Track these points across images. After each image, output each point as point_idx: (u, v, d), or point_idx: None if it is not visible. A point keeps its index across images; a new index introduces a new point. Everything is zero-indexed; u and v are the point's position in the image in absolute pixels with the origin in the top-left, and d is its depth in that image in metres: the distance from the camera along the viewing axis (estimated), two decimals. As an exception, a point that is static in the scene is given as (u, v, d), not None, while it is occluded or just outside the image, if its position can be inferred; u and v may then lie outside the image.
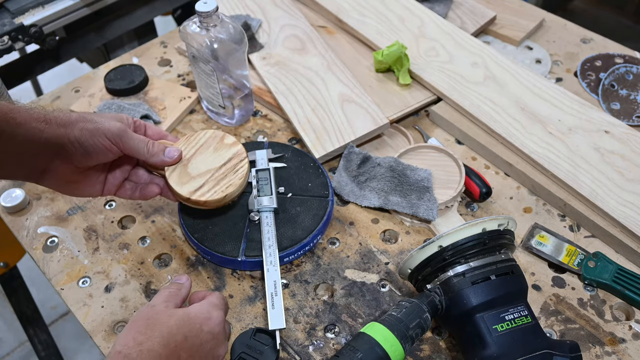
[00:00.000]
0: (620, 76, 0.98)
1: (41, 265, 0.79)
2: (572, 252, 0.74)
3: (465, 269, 0.63)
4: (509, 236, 0.66)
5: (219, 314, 0.62)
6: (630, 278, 0.71)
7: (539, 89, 0.92)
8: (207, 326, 0.60)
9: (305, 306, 0.72)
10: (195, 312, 0.60)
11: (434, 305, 0.63)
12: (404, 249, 0.78)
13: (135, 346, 0.54)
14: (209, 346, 0.59)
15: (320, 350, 0.68)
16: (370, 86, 0.96)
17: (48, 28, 1.15)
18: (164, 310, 0.59)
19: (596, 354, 0.67)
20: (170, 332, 0.56)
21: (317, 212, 0.78)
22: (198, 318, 0.59)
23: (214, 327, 0.60)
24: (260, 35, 1.05)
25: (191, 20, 0.84)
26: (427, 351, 0.68)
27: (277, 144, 0.87)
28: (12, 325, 1.70)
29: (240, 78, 0.91)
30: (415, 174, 0.80)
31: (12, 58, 1.20)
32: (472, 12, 1.09)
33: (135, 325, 0.57)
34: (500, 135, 0.86)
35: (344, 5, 1.09)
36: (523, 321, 0.61)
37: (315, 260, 0.77)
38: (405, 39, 1.01)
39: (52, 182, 0.67)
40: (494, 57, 0.97)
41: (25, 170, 0.65)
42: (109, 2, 1.23)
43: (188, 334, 0.57)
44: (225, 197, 0.70)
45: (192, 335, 0.58)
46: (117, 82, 1.00)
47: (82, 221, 0.83)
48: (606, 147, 0.83)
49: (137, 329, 0.56)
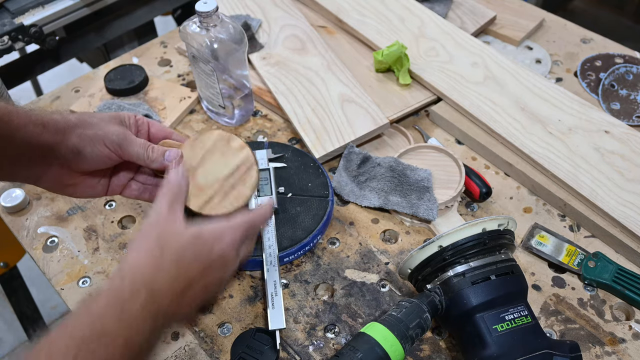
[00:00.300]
0: (620, 76, 0.98)
1: (41, 265, 0.79)
2: (572, 252, 0.74)
3: (465, 269, 0.63)
4: (509, 236, 0.66)
5: (233, 234, 0.58)
6: (630, 278, 0.71)
7: (539, 89, 0.92)
8: (219, 247, 0.57)
9: (305, 306, 0.72)
10: (208, 231, 0.57)
11: (434, 305, 0.63)
12: (404, 249, 0.78)
13: (146, 263, 0.52)
14: (218, 265, 0.57)
15: (320, 350, 0.68)
16: (370, 86, 0.96)
17: (48, 28, 1.15)
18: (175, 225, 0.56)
19: (596, 354, 0.67)
20: (182, 251, 0.54)
21: (317, 212, 0.78)
22: (209, 238, 0.57)
23: (225, 249, 0.57)
24: (260, 35, 1.05)
25: (191, 20, 0.84)
26: (427, 351, 0.68)
27: (277, 144, 0.87)
28: (12, 325, 1.70)
29: (240, 78, 0.91)
30: (415, 174, 0.80)
31: (12, 58, 1.20)
32: (472, 12, 1.09)
33: (147, 241, 0.55)
34: (500, 135, 0.86)
35: (344, 5, 1.09)
36: (523, 321, 0.61)
37: (315, 260, 0.77)
38: (405, 39, 1.01)
39: (50, 185, 0.65)
40: (494, 57, 0.97)
41: (23, 173, 0.64)
42: (109, 2, 1.23)
43: (198, 253, 0.55)
44: (235, 210, 0.66)
45: (203, 255, 0.55)
46: (117, 82, 1.00)
47: (82, 221, 0.83)
48: (606, 147, 0.83)
49: (148, 244, 0.54)
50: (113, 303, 0.49)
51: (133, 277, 0.51)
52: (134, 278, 0.51)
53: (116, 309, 0.48)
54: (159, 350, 0.68)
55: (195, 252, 0.55)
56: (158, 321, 0.51)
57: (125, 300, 0.49)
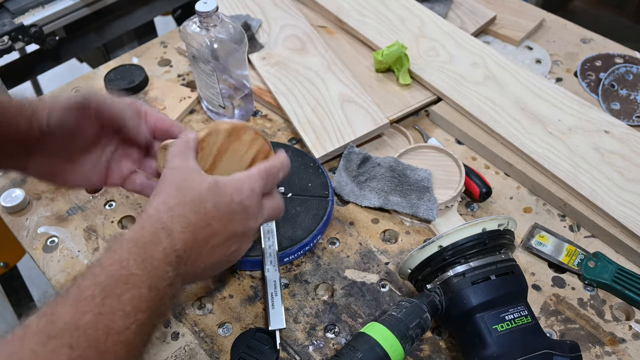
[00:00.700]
0: (620, 76, 0.98)
1: (41, 265, 0.79)
2: (572, 252, 0.74)
3: (465, 269, 0.63)
4: (509, 236, 0.66)
5: (253, 186, 0.57)
6: (630, 278, 0.71)
7: (539, 89, 0.92)
8: (238, 197, 0.56)
9: (305, 306, 0.72)
10: (224, 181, 0.56)
11: (434, 305, 0.63)
12: (404, 249, 0.78)
13: (166, 211, 0.52)
14: (240, 217, 0.56)
15: (320, 350, 0.68)
16: (370, 86, 0.96)
17: (48, 28, 1.15)
18: (194, 172, 0.55)
19: (596, 354, 0.67)
20: (201, 199, 0.53)
21: (317, 212, 0.78)
22: (228, 188, 0.56)
23: (245, 198, 0.56)
24: (260, 35, 1.05)
25: (191, 20, 0.84)
26: (427, 351, 0.68)
27: (277, 144, 0.87)
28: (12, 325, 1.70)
29: (240, 78, 0.91)
30: (415, 174, 0.80)
31: (12, 58, 1.20)
32: (472, 12, 1.09)
33: (166, 189, 0.54)
34: (500, 135, 0.86)
35: (344, 5, 1.09)
36: (523, 321, 0.61)
37: (315, 260, 0.77)
38: (405, 39, 1.01)
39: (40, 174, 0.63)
40: (494, 57, 0.97)
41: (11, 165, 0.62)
42: (109, 2, 1.23)
43: (218, 202, 0.54)
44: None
45: (223, 204, 0.55)
46: (117, 82, 1.00)
47: (82, 221, 0.83)
48: (606, 147, 0.83)
49: (167, 192, 0.54)
50: (135, 249, 0.49)
51: (153, 225, 0.51)
52: (154, 226, 0.51)
53: (139, 255, 0.48)
54: (158, 350, 0.68)
55: (214, 201, 0.54)
56: (180, 268, 0.51)
57: (148, 245, 0.49)
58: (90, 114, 0.60)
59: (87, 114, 0.60)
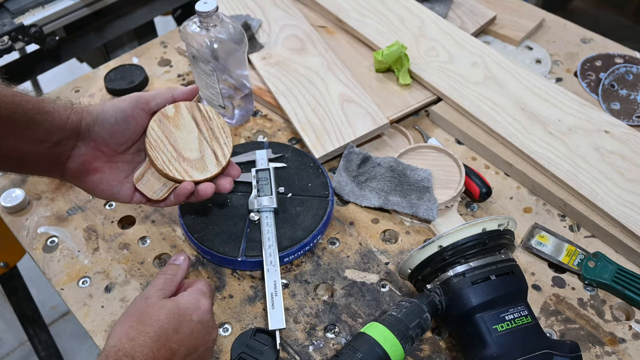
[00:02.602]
0: (620, 76, 0.98)
1: (41, 265, 0.79)
2: (572, 252, 0.74)
3: (465, 269, 0.63)
4: (509, 236, 0.66)
5: (207, 302, 0.63)
6: (630, 278, 0.71)
7: (539, 89, 0.92)
8: (197, 315, 0.61)
9: (305, 306, 0.72)
10: (185, 302, 0.61)
11: (434, 305, 0.63)
12: (404, 249, 0.78)
13: (128, 341, 0.55)
14: (201, 334, 0.60)
15: (320, 350, 0.68)
16: (370, 86, 0.96)
17: (48, 28, 1.15)
18: (156, 303, 0.60)
19: (596, 354, 0.67)
20: (162, 327, 0.58)
21: (317, 212, 0.78)
22: (188, 309, 0.61)
23: (203, 315, 0.61)
24: (260, 35, 1.05)
25: (191, 20, 0.84)
26: (427, 351, 0.68)
27: (277, 144, 0.87)
28: (12, 325, 1.70)
29: (240, 78, 0.91)
30: (415, 174, 0.80)
31: (12, 58, 1.20)
32: (472, 12, 1.09)
33: (128, 320, 0.58)
34: (500, 135, 0.86)
35: (344, 5, 1.09)
36: (523, 321, 0.61)
37: (315, 260, 0.77)
38: (405, 39, 1.01)
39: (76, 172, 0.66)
40: (494, 57, 0.97)
41: (50, 159, 0.64)
42: (109, 2, 1.23)
43: (178, 326, 0.59)
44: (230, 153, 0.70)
45: (183, 326, 0.59)
46: (117, 82, 1.00)
47: (82, 221, 0.83)
48: (606, 147, 0.83)
49: (129, 323, 0.58)
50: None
51: (116, 354, 0.54)
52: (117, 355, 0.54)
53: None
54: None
55: (175, 326, 0.59)
56: None
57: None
58: (144, 102, 0.66)
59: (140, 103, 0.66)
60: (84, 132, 0.64)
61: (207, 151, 0.68)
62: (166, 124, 0.68)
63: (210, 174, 0.68)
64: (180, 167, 0.67)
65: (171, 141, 0.67)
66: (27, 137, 0.61)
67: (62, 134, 0.63)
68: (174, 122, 0.68)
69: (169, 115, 0.68)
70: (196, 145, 0.68)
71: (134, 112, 0.65)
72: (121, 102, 0.65)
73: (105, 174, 0.67)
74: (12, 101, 0.60)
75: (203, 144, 0.69)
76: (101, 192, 0.68)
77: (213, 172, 0.68)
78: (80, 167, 0.65)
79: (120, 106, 0.65)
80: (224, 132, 0.70)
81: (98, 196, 0.69)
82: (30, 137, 0.61)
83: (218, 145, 0.69)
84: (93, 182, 0.67)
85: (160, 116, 0.68)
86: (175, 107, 0.68)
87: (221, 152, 0.69)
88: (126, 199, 0.69)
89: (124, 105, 0.65)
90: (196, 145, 0.68)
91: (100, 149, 0.65)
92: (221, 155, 0.69)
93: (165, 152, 0.67)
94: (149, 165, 0.67)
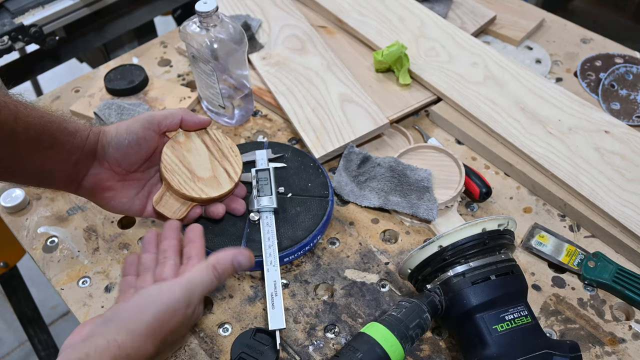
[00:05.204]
0: (620, 76, 0.98)
1: (41, 265, 0.79)
2: (572, 252, 0.74)
3: (465, 269, 0.63)
4: (509, 236, 0.66)
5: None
6: (630, 278, 0.71)
7: (539, 89, 0.92)
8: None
9: (305, 306, 0.72)
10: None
11: (434, 305, 0.63)
12: (404, 249, 0.78)
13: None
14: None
15: (320, 350, 0.68)
16: (370, 86, 0.96)
17: (48, 28, 1.15)
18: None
19: (596, 354, 0.67)
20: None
21: (317, 212, 0.78)
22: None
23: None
24: (260, 35, 1.05)
25: (191, 20, 0.84)
26: (427, 351, 0.68)
27: (277, 144, 0.87)
28: (12, 325, 1.70)
29: (240, 78, 0.91)
30: (415, 174, 0.80)
31: (12, 58, 1.20)
32: (472, 12, 1.09)
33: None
34: (500, 135, 0.86)
35: (344, 5, 1.09)
36: (523, 321, 0.61)
37: (315, 260, 0.77)
38: (405, 39, 1.01)
39: (90, 189, 0.69)
40: (494, 57, 0.97)
41: (69, 177, 0.67)
42: (109, 2, 1.23)
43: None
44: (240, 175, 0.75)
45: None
46: (117, 82, 1.00)
47: (82, 221, 0.83)
48: (606, 147, 0.83)
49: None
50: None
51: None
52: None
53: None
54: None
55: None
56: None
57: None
58: (155, 124, 0.69)
59: (152, 125, 0.69)
60: (99, 154, 0.67)
61: (219, 170, 0.74)
62: (178, 149, 0.73)
63: (224, 190, 0.73)
64: (196, 186, 0.72)
65: (185, 164, 0.72)
66: (50, 157, 0.64)
67: (80, 155, 0.66)
68: (185, 147, 0.73)
69: (180, 142, 0.73)
70: (208, 165, 0.73)
71: (145, 134, 0.68)
72: (134, 123, 0.68)
73: (117, 191, 0.70)
74: (40, 122, 0.62)
75: (214, 164, 0.74)
76: (113, 208, 0.71)
77: (227, 189, 0.73)
78: (94, 186, 0.69)
79: (133, 129, 0.68)
80: (232, 151, 0.75)
81: (111, 211, 0.72)
82: (53, 156, 0.64)
83: (228, 163, 0.74)
84: (106, 199, 0.70)
85: (172, 142, 0.73)
86: (185, 134, 0.74)
87: (232, 170, 0.74)
88: (138, 214, 0.72)
89: (136, 128, 0.68)
90: (208, 165, 0.73)
91: (114, 169, 0.69)
92: (233, 173, 0.74)
93: (180, 173, 0.71)
94: (167, 188, 0.72)
